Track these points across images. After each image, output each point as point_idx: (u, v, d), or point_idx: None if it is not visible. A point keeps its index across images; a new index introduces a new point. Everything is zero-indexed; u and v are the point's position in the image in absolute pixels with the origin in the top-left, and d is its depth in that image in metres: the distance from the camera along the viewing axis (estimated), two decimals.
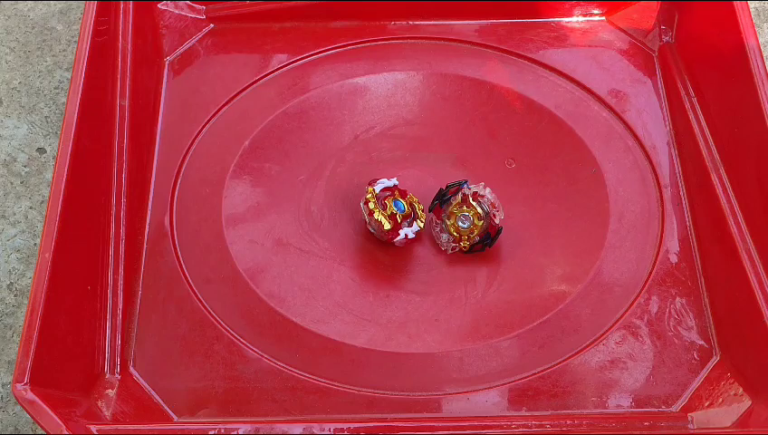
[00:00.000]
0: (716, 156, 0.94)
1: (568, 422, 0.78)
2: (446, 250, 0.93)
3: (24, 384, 0.74)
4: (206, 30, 1.08)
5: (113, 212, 0.91)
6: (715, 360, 0.87)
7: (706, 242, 0.92)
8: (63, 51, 1.15)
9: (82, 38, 0.92)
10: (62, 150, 0.85)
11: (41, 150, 1.07)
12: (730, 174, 0.92)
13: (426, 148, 1.01)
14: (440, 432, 0.75)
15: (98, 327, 0.86)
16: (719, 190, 0.92)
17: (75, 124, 0.86)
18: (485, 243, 0.93)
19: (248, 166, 0.99)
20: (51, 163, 1.06)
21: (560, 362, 0.87)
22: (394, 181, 0.95)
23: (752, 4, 1.16)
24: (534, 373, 0.86)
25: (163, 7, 1.07)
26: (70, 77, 0.99)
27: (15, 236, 1.01)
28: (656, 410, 0.84)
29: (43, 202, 1.03)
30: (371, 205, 0.92)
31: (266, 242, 0.94)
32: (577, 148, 0.99)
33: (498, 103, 1.03)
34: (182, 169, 0.98)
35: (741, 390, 0.84)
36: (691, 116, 0.98)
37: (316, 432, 0.75)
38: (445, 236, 0.93)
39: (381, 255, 0.94)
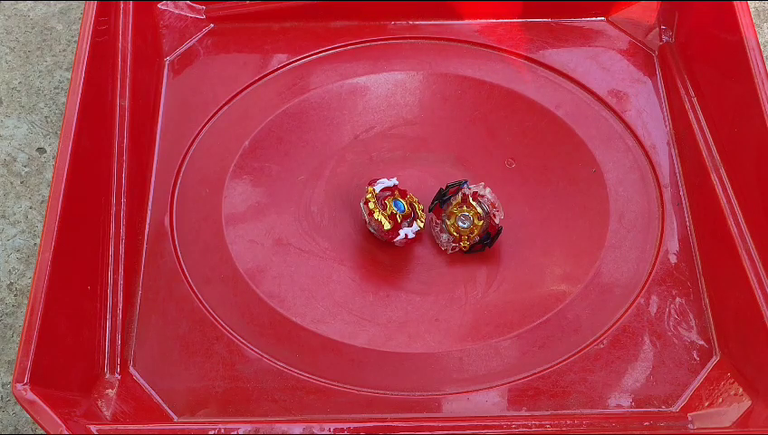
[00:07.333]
0: (716, 156, 0.94)
1: (568, 422, 0.78)
2: (446, 250, 0.93)
3: (24, 384, 0.74)
4: (206, 30, 1.08)
5: (113, 212, 0.91)
6: (715, 360, 0.87)
7: (706, 242, 0.92)
8: (63, 51, 1.15)
9: (82, 38, 0.92)
10: (62, 150, 0.85)
11: (41, 150, 1.07)
12: (730, 174, 0.92)
13: (426, 148, 1.01)
14: (440, 432, 0.75)
15: (98, 327, 0.86)
16: (719, 190, 0.92)
17: (75, 124, 0.86)
18: (485, 243, 0.93)
19: (248, 166, 0.99)
20: (51, 163, 1.06)
21: (560, 362, 0.87)
22: (394, 181, 0.95)
23: (752, 4, 1.16)
24: (534, 373, 0.86)
25: (163, 7, 1.07)
26: (70, 77, 0.99)
27: (15, 236, 1.01)
28: (656, 410, 0.84)
29: (43, 202, 1.03)
30: (371, 205, 0.92)
31: (266, 242, 0.94)
32: (577, 148, 0.99)
33: (498, 103, 1.03)
34: (182, 169, 0.98)
35: (741, 390, 0.84)
36: (691, 116, 0.98)
37: (316, 432, 0.75)
38: (445, 236, 0.93)
39: (381, 255, 0.94)
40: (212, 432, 0.74)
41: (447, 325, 0.90)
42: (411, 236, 0.92)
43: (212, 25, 1.08)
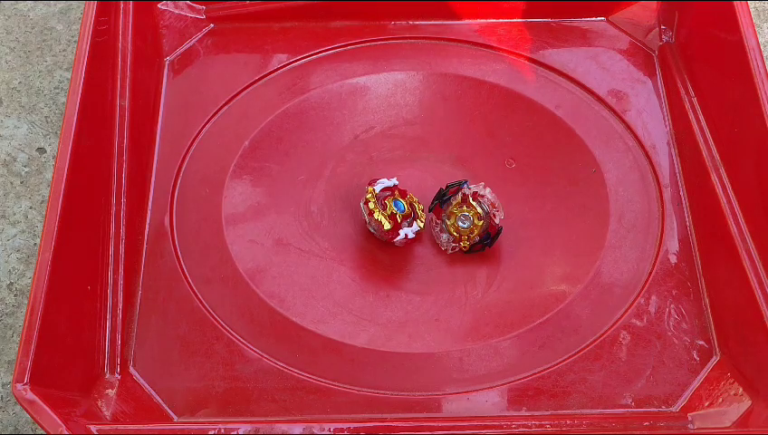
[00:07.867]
0: (716, 156, 0.94)
1: (568, 422, 0.78)
2: (446, 250, 0.93)
3: (24, 384, 0.74)
4: (206, 30, 1.08)
5: (113, 212, 0.91)
6: (715, 360, 0.87)
7: (706, 242, 0.92)
8: (63, 51, 1.15)
9: (82, 38, 0.92)
10: (62, 150, 0.85)
11: (41, 150, 1.07)
12: (730, 174, 0.92)
13: (426, 148, 1.01)
14: (440, 432, 0.75)
15: (98, 327, 0.86)
16: (719, 190, 0.92)
17: (75, 124, 0.86)
18: (485, 243, 0.93)
19: (248, 166, 0.99)
20: (51, 163, 1.06)
21: (560, 362, 0.87)
22: (394, 181, 0.95)
23: (752, 4, 1.16)
24: (534, 373, 0.86)
25: (163, 7, 1.07)
26: (70, 77, 0.99)
27: (15, 236, 1.01)
28: (656, 410, 0.84)
29: (43, 202, 1.03)
30: (371, 205, 0.92)
31: (266, 242, 0.94)
32: (577, 148, 0.99)
33: (498, 103, 1.03)
34: (182, 169, 0.98)
35: (741, 390, 0.84)
36: (691, 116, 0.98)
37: (316, 432, 0.75)
38: (445, 236, 0.93)
39: (381, 255, 0.94)
40: (212, 432, 0.74)
41: (447, 325, 0.90)
42: (411, 236, 0.92)
43: (212, 25, 1.08)
